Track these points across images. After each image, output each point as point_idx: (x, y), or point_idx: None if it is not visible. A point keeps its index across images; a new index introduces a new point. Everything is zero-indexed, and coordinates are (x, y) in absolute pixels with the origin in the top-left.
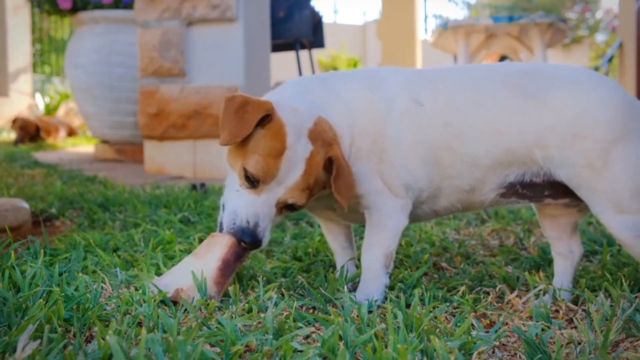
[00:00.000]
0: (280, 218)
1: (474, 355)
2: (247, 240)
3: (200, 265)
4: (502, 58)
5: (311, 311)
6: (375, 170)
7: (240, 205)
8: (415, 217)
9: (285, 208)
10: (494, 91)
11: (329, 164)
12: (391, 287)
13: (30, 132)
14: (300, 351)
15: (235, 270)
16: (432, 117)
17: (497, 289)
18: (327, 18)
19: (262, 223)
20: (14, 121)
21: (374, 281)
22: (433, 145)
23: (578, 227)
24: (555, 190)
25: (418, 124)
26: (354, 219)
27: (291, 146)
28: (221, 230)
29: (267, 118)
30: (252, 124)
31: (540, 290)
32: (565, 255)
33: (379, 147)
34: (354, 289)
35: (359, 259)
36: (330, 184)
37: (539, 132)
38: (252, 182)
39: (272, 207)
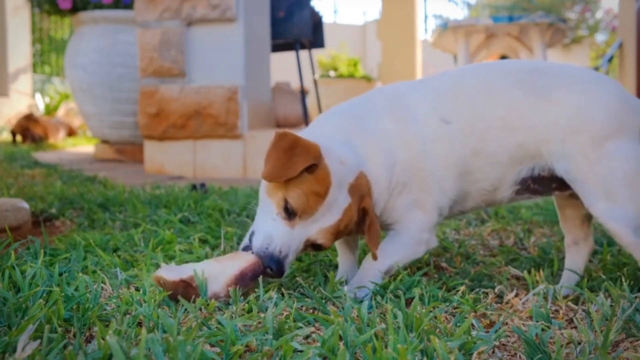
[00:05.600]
0: (300, 254)
1: (474, 355)
2: (274, 267)
3: (220, 267)
4: (502, 58)
5: (311, 311)
6: (415, 199)
7: (276, 233)
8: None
9: (310, 246)
10: (508, 89)
11: (363, 214)
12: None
13: (31, 130)
14: (300, 351)
15: (247, 289)
16: (460, 131)
17: (496, 289)
18: (327, 18)
19: (290, 256)
20: (16, 125)
21: (367, 278)
22: (463, 156)
23: (590, 223)
24: (561, 183)
25: (450, 143)
26: None
27: (332, 194)
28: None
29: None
30: (298, 169)
31: (540, 290)
32: (570, 246)
33: (419, 179)
34: None
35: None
36: (355, 229)
37: (545, 127)
38: (290, 214)
39: (301, 243)
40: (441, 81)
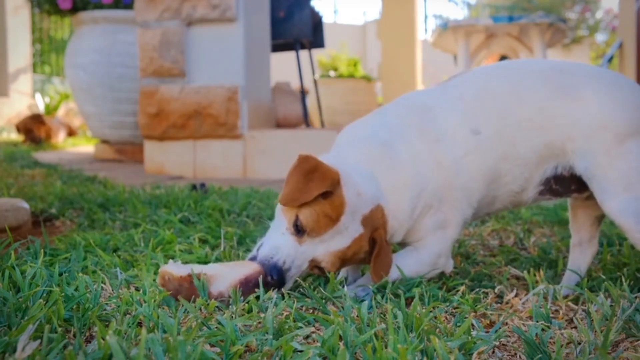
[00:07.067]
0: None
1: (474, 355)
2: (275, 276)
3: (226, 270)
4: (502, 58)
5: (311, 311)
6: (442, 219)
7: (283, 245)
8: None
9: (315, 267)
10: (536, 89)
11: (372, 244)
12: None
13: (35, 131)
14: (300, 351)
15: (248, 296)
16: (489, 138)
17: (496, 289)
18: (327, 18)
19: (293, 270)
20: (18, 126)
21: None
22: (494, 163)
23: (598, 225)
24: (579, 184)
25: (481, 154)
26: None
27: (344, 221)
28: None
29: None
30: (313, 194)
31: (540, 290)
32: (575, 246)
33: (450, 197)
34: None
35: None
36: (367, 258)
37: (571, 125)
38: (299, 230)
39: (306, 261)
40: (466, 87)
